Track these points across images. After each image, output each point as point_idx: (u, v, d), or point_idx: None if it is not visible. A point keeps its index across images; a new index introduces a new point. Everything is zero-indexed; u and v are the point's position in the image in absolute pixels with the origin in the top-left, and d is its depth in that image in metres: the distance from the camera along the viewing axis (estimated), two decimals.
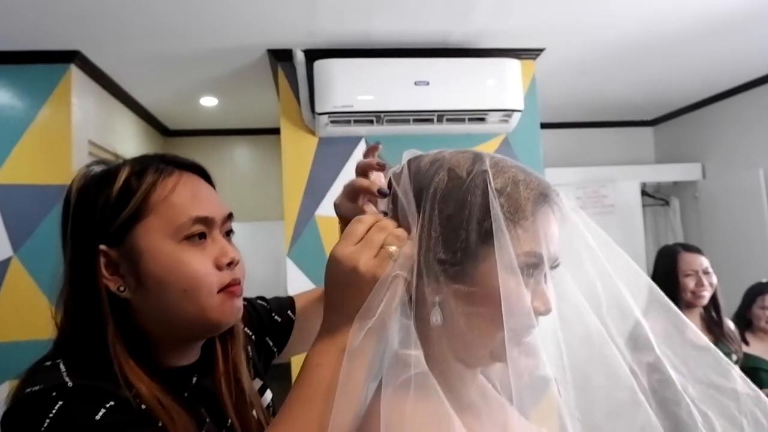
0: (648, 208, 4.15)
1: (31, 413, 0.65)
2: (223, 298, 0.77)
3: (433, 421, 0.58)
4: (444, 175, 0.64)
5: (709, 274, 2.18)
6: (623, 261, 0.68)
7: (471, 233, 0.61)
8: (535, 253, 0.62)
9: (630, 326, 0.68)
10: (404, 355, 0.60)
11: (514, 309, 0.60)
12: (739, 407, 0.63)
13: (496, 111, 2.53)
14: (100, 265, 0.74)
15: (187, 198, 0.77)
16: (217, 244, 0.78)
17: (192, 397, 0.79)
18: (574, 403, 0.61)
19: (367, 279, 0.62)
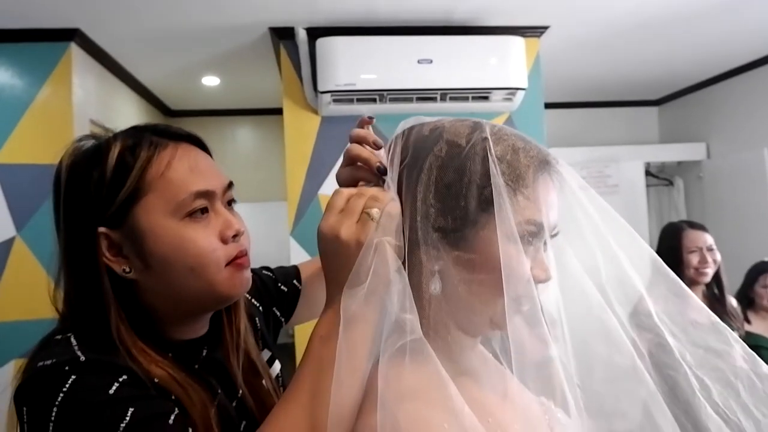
0: (652, 188, 4.14)
1: (44, 387, 0.65)
2: (231, 272, 0.76)
3: (428, 386, 0.58)
4: (443, 143, 0.64)
5: (713, 251, 2.18)
6: (625, 231, 0.67)
7: (471, 201, 0.61)
8: (535, 221, 0.62)
9: (629, 295, 0.68)
10: (401, 321, 0.60)
11: (514, 276, 0.60)
12: (735, 372, 0.63)
13: (499, 89, 2.51)
14: (102, 247, 0.72)
15: (185, 172, 0.74)
16: (221, 216, 0.77)
17: (202, 369, 0.79)
18: (574, 370, 0.61)
19: (351, 245, 0.62)
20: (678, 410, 0.62)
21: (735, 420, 0.61)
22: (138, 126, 0.80)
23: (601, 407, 0.67)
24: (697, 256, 2.16)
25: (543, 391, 0.65)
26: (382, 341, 0.60)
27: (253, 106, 3.95)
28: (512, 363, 0.60)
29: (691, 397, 0.62)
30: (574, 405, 0.60)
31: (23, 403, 0.66)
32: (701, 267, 2.16)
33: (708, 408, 0.61)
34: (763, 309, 2.54)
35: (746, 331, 2.35)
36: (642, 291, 0.67)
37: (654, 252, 0.68)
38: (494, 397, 0.66)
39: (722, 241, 2.30)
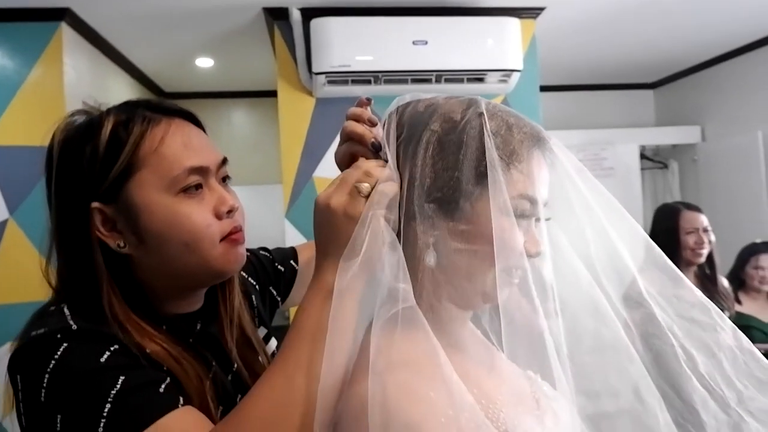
0: (647, 171, 4.15)
1: (36, 355, 0.65)
2: (226, 247, 0.76)
3: (418, 355, 0.59)
4: (439, 118, 0.65)
5: (708, 232, 2.20)
6: (619, 214, 0.68)
7: (466, 174, 0.62)
8: (529, 196, 0.63)
9: (622, 276, 0.69)
10: (394, 290, 0.61)
11: (507, 250, 0.62)
12: (719, 345, 0.64)
13: (495, 71, 2.50)
14: (95, 222, 0.73)
15: (178, 148, 0.74)
16: (215, 192, 0.77)
17: (197, 343, 0.80)
18: (564, 345, 0.62)
19: (339, 216, 0.63)
20: (665, 383, 0.63)
21: (719, 391, 0.62)
22: (131, 101, 0.80)
23: (591, 386, 0.68)
24: (693, 237, 2.18)
25: (531, 365, 0.66)
26: (375, 310, 0.61)
27: (247, 89, 3.92)
28: (501, 335, 0.61)
29: (678, 369, 0.63)
30: (563, 378, 0.61)
31: (17, 371, 0.67)
32: (697, 248, 2.17)
33: (694, 380, 0.62)
34: (753, 290, 2.56)
35: (737, 312, 2.38)
36: (635, 273, 0.68)
37: (647, 235, 0.69)
38: (481, 369, 0.67)
39: (716, 224, 2.31)
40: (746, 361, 0.63)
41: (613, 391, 0.69)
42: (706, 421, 0.61)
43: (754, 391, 0.61)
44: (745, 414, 0.61)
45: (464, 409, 0.56)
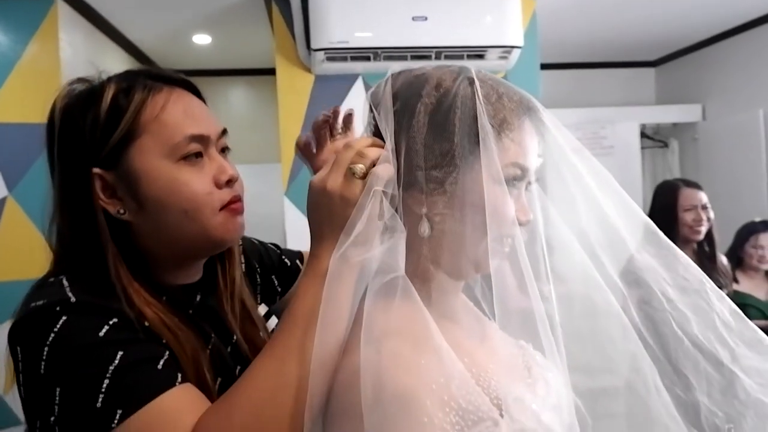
0: (647, 150, 4.14)
1: (36, 327, 0.66)
2: (225, 216, 0.76)
3: (409, 323, 0.60)
4: (431, 88, 0.65)
5: (707, 209, 2.20)
6: (607, 180, 0.69)
7: (458, 143, 0.62)
8: (520, 164, 0.64)
9: (620, 254, 0.69)
10: (387, 262, 0.61)
11: (498, 218, 0.62)
12: (711, 306, 0.65)
13: (495, 47, 2.47)
14: (96, 188, 0.73)
15: (179, 116, 0.74)
16: (215, 161, 0.77)
17: (196, 314, 0.80)
18: (555, 308, 0.63)
19: (335, 199, 0.63)
20: (657, 347, 0.63)
21: (711, 349, 0.63)
22: (132, 70, 0.79)
23: (584, 356, 0.69)
24: (692, 214, 2.18)
25: (522, 334, 0.67)
26: (369, 282, 0.61)
27: (245, 66, 3.89)
28: (494, 303, 0.62)
29: (670, 333, 0.64)
30: (554, 347, 0.62)
31: (17, 342, 0.67)
32: (695, 225, 2.18)
33: (686, 341, 0.63)
34: (751, 268, 2.57)
35: (734, 290, 2.39)
36: (632, 250, 0.69)
37: (644, 212, 0.70)
38: (473, 340, 0.68)
39: (715, 203, 2.31)
40: (736, 324, 0.64)
41: (607, 358, 0.70)
42: (696, 386, 0.63)
43: (746, 349, 0.62)
44: (738, 371, 0.62)
45: (455, 376, 0.57)
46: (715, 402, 0.64)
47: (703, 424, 0.64)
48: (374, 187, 0.62)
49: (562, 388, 0.67)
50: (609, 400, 0.73)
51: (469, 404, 0.57)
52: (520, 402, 0.60)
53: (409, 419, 0.54)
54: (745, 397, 0.63)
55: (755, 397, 0.63)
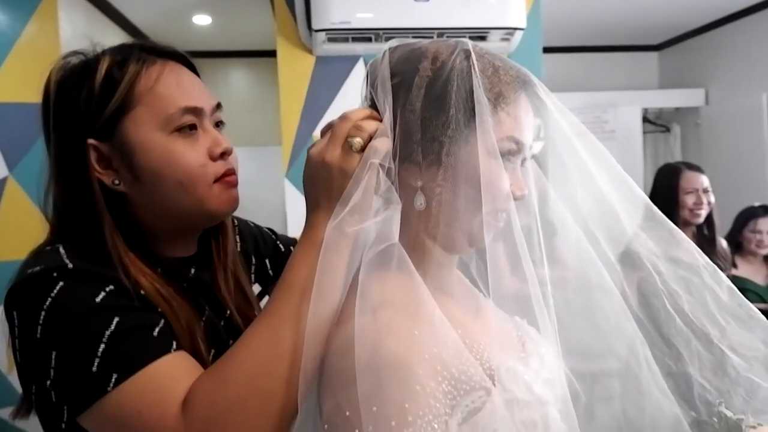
0: (649, 135, 4.13)
1: (33, 293, 0.67)
2: (220, 188, 0.77)
3: (403, 293, 0.61)
4: (427, 61, 0.65)
5: (708, 192, 2.20)
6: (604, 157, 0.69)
7: (454, 117, 0.63)
8: (515, 139, 0.64)
9: (619, 237, 0.70)
10: (382, 231, 0.62)
11: (493, 192, 0.63)
12: (703, 284, 0.66)
13: (497, 29, 2.45)
14: (91, 159, 0.73)
15: (173, 88, 0.75)
16: (209, 134, 0.77)
17: (191, 288, 0.81)
18: (548, 283, 0.64)
19: (334, 171, 0.63)
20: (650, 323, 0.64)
21: (702, 328, 0.64)
22: (126, 43, 0.80)
23: (586, 348, 0.70)
24: (692, 197, 2.18)
25: (517, 310, 0.68)
26: (364, 252, 0.62)
27: (246, 48, 3.86)
28: (488, 277, 0.62)
29: (663, 310, 0.64)
30: (548, 322, 0.63)
31: (13, 307, 0.68)
32: (696, 208, 2.18)
33: (678, 320, 0.64)
34: (750, 253, 2.58)
35: (733, 275, 2.40)
36: (631, 234, 0.69)
37: (645, 196, 0.70)
38: (467, 313, 0.68)
39: (717, 188, 2.31)
40: (728, 300, 0.65)
41: (601, 335, 0.71)
42: (689, 362, 0.63)
43: (736, 327, 0.63)
44: (728, 349, 0.63)
45: (448, 345, 0.58)
46: (707, 379, 0.65)
47: (696, 400, 0.66)
48: (371, 159, 0.62)
49: (556, 364, 0.68)
50: (603, 377, 0.74)
51: (462, 374, 0.57)
52: (513, 372, 0.61)
53: (401, 387, 0.55)
54: (735, 375, 0.64)
55: (744, 375, 0.64)
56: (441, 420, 0.56)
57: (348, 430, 0.55)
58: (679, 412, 0.67)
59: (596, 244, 0.68)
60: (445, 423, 0.56)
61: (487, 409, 0.58)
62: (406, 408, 0.54)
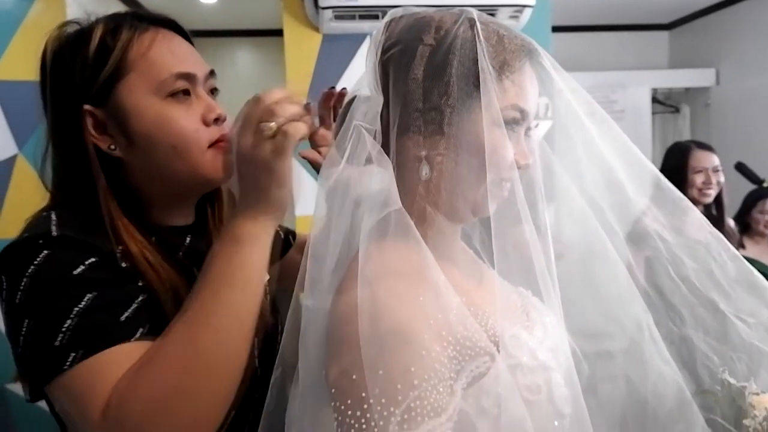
0: (658, 115, 4.09)
1: (18, 258, 0.68)
2: (214, 154, 0.78)
3: (407, 262, 0.61)
4: (431, 30, 0.65)
5: (718, 172, 2.19)
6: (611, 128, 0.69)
7: (458, 85, 0.62)
8: (520, 107, 0.64)
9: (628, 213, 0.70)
10: (381, 196, 0.62)
11: (497, 161, 0.63)
12: (709, 252, 0.66)
13: (505, 6, 2.42)
14: (87, 124, 0.75)
15: (166, 54, 0.77)
16: (203, 100, 0.78)
17: (186, 258, 0.82)
18: (551, 252, 0.64)
19: (245, 159, 0.65)
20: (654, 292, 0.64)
21: (708, 297, 0.64)
22: (119, 12, 0.81)
23: (592, 327, 0.70)
24: (702, 177, 2.17)
25: (521, 280, 0.68)
26: (363, 217, 0.62)
27: (252, 27, 3.84)
28: (492, 247, 0.62)
29: (668, 278, 0.65)
30: (551, 290, 0.63)
31: (1, 271, 0.70)
32: (705, 188, 2.17)
33: (683, 287, 0.64)
34: (758, 234, 2.57)
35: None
36: (640, 210, 0.69)
37: (652, 165, 0.70)
38: (471, 282, 0.69)
39: (725, 169, 2.29)
40: (734, 267, 0.65)
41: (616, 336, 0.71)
42: (693, 331, 0.64)
43: (741, 293, 0.63)
44: (733, 317, 0.63)
45: (453, 312, 0.58)
46: (711, 347, 0.65)
47: (699, 370, 0.66)
48: (355, 121, 0.62)
49: (560, 334, 0.69)
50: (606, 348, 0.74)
51: (467, 339, 0.58)
52: (517, 339, 0.62)
53: (406, 352, 0.56)
54: (739, 342, 0.64)
55: (749, 342, 0.64)
56: (446, 384, 0.57)
57: (355, 393, 0.56)
58: (682, 382, 0.68)
59: (603, 218, 0.68)
60: (450, 387, 0.57)
61: (492, 375, 0.59)
62: (411, 371, 0.55)
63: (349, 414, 0.55)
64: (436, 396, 0.55)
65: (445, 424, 0.55)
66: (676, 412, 0.69)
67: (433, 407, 0.55)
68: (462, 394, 0.58)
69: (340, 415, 0.56)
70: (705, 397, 0.66)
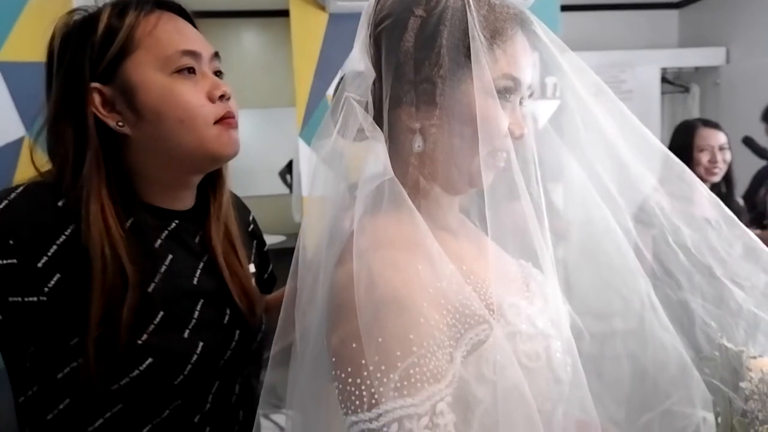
0: (667, 95, 4.04)
1: None
2: (220, 130, 0.80)
3: (403, 233, 0.61)
4: (421, 2, 0.64)
5: (725, 150, 2.15)
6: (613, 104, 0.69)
7: (450, 55, 0.62)
8: (512, 76, 0.64)
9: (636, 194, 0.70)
10: (375, 169, 0.62)
11: (491, 131, 0.62)
12: (705, 216, 0.66)
13: None
14: (95, 103, 0.77)
15: (171, 32, 0.79)
16: (208, 78, 0.81)
17: (166, 242, 0.82)
18: (546, 222, 0.64)
19: None
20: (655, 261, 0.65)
21: (705, 263, 0.65)
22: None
23: (598, 306, 0.71)
24: (707, 155, 2.14)
25: (518, 251, 0.68)
26: (357, 190, 0.62)
27: (258, 7, 3.82)
28: (487, 218, 0.62)
29: (666, 248, 0.65)
30: (548, 259, 0.63)
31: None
32: (711, 167, 2.13)
33: (680, 255, 0.64)
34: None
35: None
36: (648, 190, 0.69)
37: (664, 147, 0.69)
38: (470, 251, 0.69)
39: (736, 149, 2.26)
40: (730, 231, 0.65)
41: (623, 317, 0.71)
42: (691, 298, 0.64)
43: (738, 258, 0.63)
44: (730, 282, 0.64)
45: (451, 281, 0.58)
46: (709, 313, 0.66)
47: (698, 336, 0.67)
48: (346, 93, 0.63)
49: (561, 305, 0.69)
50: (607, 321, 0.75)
51: (466, 308, 0.58)
52: (515, 307, 0.62)
53: (403, 319, 0.56)
54: (736, 309, 0.65)
55: (747, 308, 0.64)
56: (445, 351, 0.57)
57: (355, 361, 0.56)
58: (682, 350, 0.69)
59: (611, 198, 0.68)
60: (450, 355, 0.58)
61: (490, 342, 0.59)
62: (410, 338, 0.55)
63: (350, 381, 0.56)
64: (436, 362, 0.56)
65: (444, 390, 0.56)
66: (677, 378, 0.69)
67: (433, 373, 0.55)
68: (462, 362, 0.59)
69: (341, 383, 0.57)
70: (704, 365, 0.67)
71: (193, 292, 0.82)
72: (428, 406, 0.54)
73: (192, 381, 0.78)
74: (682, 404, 0.71)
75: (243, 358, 0.86)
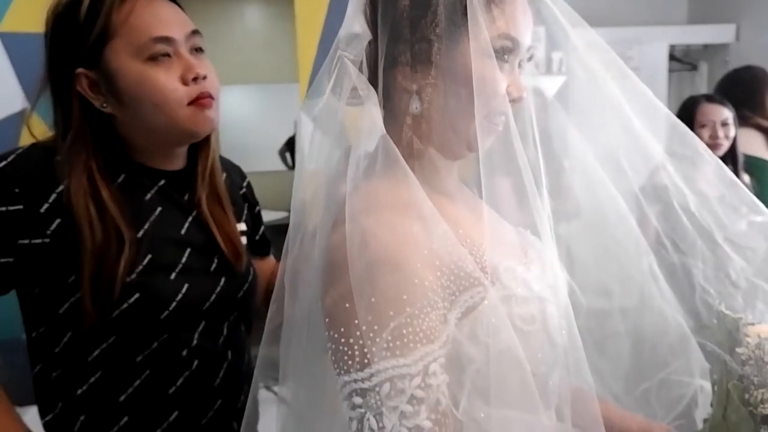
0: (674, 73, 3.99)
1: None
2: (193, 110, 0.86)
3: (398, 195, 0.61)
4: None
5: (728, 126, 2.11)
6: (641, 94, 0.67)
7: (447, 16, 0.61)
8: (510, 36, 0.63)
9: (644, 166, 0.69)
10: (367, 127, 0.62)
11: (488, 93, 0.61)
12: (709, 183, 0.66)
13: None
14: (83, 85, 0.84)
15: (146, 18, 0.83)
16: (182, 61, 0.86)
17: (156, 197, 0.90)
18: (545, 184, 0.64)
19: None
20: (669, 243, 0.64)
21: (707, 228, 0.64)
22: None
23: (603, 284, 0.70)
24: (708, 131, 2.10)
25: (519, 221, 0.68)
26: (351, 154, 0.62)
27: None
28: (482, 183, 0.62)
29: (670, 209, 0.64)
30: (546, 223, 0.63)
31: None
32: (712, 142, 2.10)
33: (684, 219, 0.64)
34: None
35: None
36: (657, 163, 0.68)
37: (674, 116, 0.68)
38: (468, 217, 0.68)
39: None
40: (735, 194, 0.64)
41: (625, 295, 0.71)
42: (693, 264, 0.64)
43: (737, 218, 0.63)
44: (730, 249, 0.63)
45: (445, 242, 0.58)
46: (708, 281, 0.66)
47: (697, 304, 0.67)
48: (339, 51, 0.62)
49: (559, 272, 0.69)
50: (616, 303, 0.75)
51: (461, 270, 0.58)
52: (511, 271, 0.62)
53: (396, 280, 0.56)
54: (735, 278, 0.65)
55: (746, 277, 0.64)
56: (439, 313, 0.57)
57: (348, 321, 0.56)
58: (681, 321, 0.69)
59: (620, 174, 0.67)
60: (444, 316, 0.58)
61: (485, 305, 0.59)
62: (404, 299, 0.55)
63: (342, 341, 0.56)
64: (429, 323, 0.56)
65: (437, 351, 0.56)
66: (677, 347, 0.69)
67: (426, 334, 0.55)
68: (456, 324, 0.59)
69: (334, 343, 0.57)
70: (702, 333, 0.67)
71: (181, 242, 0.90)
72: (421, 366, 0.54)
73: (177, 318, 0.86)
74: (680, 373, 0.71)
75: (229, 304, 0.95)
